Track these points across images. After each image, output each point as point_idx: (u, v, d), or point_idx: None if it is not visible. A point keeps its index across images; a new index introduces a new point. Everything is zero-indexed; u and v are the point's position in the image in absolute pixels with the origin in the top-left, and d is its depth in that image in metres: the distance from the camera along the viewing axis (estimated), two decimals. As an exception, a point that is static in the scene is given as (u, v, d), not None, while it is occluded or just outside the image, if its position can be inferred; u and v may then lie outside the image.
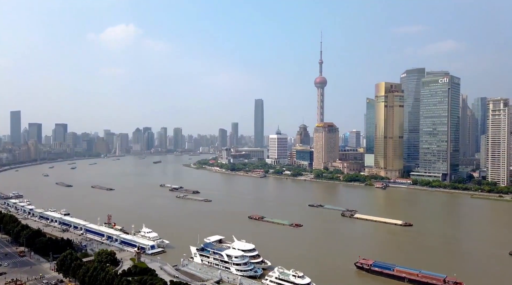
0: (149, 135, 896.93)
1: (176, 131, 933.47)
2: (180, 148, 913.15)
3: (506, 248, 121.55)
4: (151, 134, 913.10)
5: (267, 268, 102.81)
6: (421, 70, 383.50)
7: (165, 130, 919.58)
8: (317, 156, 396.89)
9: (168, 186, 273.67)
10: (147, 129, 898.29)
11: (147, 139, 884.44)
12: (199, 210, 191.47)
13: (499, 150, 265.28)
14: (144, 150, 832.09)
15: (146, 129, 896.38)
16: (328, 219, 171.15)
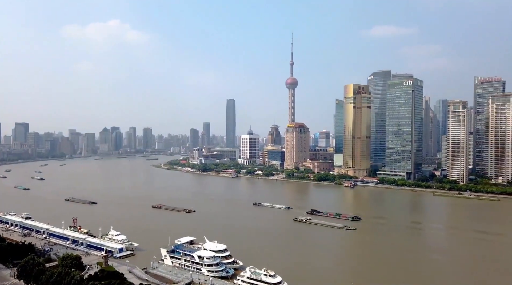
0: (117, 135, 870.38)
1: (146, 131, 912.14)
2: (150, 148, 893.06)
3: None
4: (120, 134, 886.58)
5: (239, 268, 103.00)
6: (387, 73, 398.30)
7: (134, 130, 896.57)
8: (288, 156, 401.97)
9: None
10: (115, 129, 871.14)
11: (115, 139, 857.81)
12: (170, 211, 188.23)
13: (458, 149, 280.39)
14: (112, 151, 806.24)
15: (114, 129, 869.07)
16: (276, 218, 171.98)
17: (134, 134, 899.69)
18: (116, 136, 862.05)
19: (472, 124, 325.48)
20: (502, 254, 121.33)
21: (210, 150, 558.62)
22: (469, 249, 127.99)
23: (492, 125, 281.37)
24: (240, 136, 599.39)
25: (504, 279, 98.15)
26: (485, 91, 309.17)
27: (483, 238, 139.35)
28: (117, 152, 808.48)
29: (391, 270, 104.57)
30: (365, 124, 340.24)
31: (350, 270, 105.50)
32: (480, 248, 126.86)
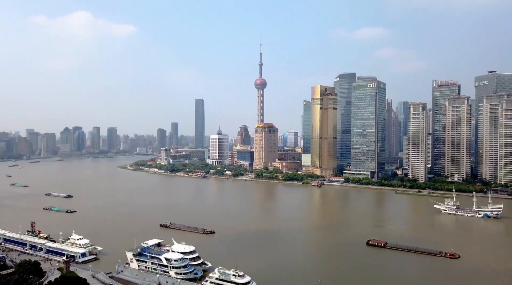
0: (80, 135, 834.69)
1: (111, 131, 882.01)
2: (115, 149, 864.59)
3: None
4: (82, 134, 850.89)
5: (207, 269, 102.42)
6: (352, 75, 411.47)
7: (98, 130, 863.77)
8: (258, 156, 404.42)
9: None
10: (78, 129, 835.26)
11: (78, 139, 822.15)
12: (136, 213, 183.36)
13: (418, 149, 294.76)
14: (74, 152, 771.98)
15: (76, 129, 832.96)
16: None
17: (98, 134, 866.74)
18: (79, 136, 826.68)
19: (430, 125, 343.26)
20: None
21: (178, 151, 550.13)
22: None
23: (449, 126, 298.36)
24: (209, 136, 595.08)
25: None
26: (442, 94, 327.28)
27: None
28: (79, 153, 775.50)
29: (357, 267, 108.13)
30: (331, 125, 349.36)
31: (317, 269, 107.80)
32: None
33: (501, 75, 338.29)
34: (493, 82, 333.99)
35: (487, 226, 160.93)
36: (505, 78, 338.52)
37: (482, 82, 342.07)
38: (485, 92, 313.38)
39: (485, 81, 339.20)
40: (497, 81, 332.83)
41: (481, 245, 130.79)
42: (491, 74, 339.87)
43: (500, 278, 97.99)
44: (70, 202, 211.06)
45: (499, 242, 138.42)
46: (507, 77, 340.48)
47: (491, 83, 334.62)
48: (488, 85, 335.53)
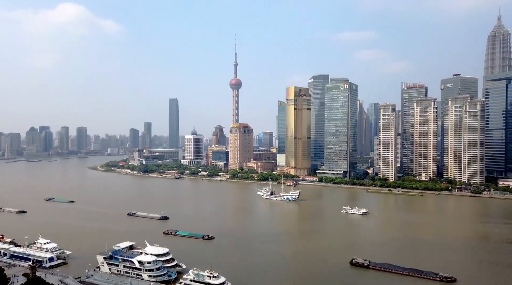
0: (47, 135, 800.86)
1: (80, 131, 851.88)
2: (84, 149, 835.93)
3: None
4: (50, 134, 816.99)
5: (182, 271, 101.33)
6: (326, 77, 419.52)
7: (67, 130, 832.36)
8: (233, 156, 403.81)
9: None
10: (45, 128, 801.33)
11: (45, 139, 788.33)
12: (106, 215, 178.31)
13: (388, 149, 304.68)
14: (40, 152, 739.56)
15: (43, 128, 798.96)
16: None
17: (66, 134, 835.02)
18: (46, 136, 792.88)
19: (400, 126, 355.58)
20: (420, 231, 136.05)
21: (151, 151, 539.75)
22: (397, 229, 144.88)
23: (417, 127, 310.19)
24: (183, 137, 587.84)
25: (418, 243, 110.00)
26: (410, 95, 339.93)
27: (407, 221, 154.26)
28: (46, 153, 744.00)
29: (333, 261, 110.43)
30: (305, 125, 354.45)
31: (292, 268, 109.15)
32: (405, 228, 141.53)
33: (465, 78, 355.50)
34: (457, 84, 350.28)
35: (285, 204, 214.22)
36: (468, 81, 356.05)
37: (447, 85, 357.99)
38: (450, 94, 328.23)
39: (450, 84, 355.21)
40: (461, 84, 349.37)
41: (274, 214, 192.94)
42: (455, 77, 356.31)
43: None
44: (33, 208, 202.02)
45: (287, 211, 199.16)
46: (470, 80, 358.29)
47: (455, 86, 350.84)
48: (453, 87, 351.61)
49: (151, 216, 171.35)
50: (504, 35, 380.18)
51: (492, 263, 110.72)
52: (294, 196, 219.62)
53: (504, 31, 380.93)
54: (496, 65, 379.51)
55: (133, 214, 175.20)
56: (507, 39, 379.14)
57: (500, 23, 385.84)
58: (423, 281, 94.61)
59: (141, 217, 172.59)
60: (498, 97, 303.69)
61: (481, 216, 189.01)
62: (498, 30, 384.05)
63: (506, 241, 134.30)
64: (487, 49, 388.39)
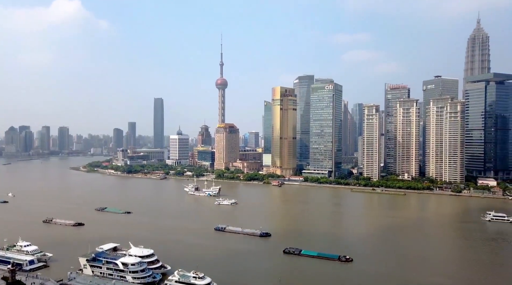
0: (27, 135, 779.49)
1: (62, 131, 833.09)
2: (66, 149, 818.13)
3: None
4: (30, 133, 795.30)
5: (167, 272, 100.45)
6: (311, 77, 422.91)
7: (48, 130, 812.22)
8: (219, 156, 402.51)
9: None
10: (25, 128, 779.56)
11: (25, 139, 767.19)
12: (90, 217, 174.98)
13: (372, 149, 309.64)
14: (21, 152, 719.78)
15: (23, 128, 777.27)
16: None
17: (47, 134, 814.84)
18: (26, 136, 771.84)
19: (383, 126, 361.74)
20: (401, 225, 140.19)
21: (136, 151, 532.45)
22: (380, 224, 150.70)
23: (400, 127, 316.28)
24: (169, 137, 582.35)
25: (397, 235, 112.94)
26: (393, 96, 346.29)
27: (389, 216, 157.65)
28: (26, 154, 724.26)
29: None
30: (291, 126, 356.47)
31: (277, 268, 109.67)
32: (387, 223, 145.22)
33: (446, 79, 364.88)
34: (439, 86, 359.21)
35: (204, 199, 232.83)
36: (449, 83, 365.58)
37: (429, 86, 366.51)
38: (432, 96, 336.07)
39: (432, 85, 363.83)
40: (442, 85, 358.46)
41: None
42: (437, 78, 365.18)
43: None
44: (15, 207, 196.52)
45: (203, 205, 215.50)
46: (451, 81, 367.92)
47: (437, 87, 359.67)
48: (435, 88, 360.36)
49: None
50: (483, 38, 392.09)
51: (389, 248, 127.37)
52: (214, 191, 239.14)
53: (483, 34, 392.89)
54: (476, 67, 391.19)
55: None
56: (486, 42, 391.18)
57: (480, 26, 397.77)
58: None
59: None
60: (478, 98, 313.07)
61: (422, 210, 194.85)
62: (477, 33, 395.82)
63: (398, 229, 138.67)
64: (467, 51, 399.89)
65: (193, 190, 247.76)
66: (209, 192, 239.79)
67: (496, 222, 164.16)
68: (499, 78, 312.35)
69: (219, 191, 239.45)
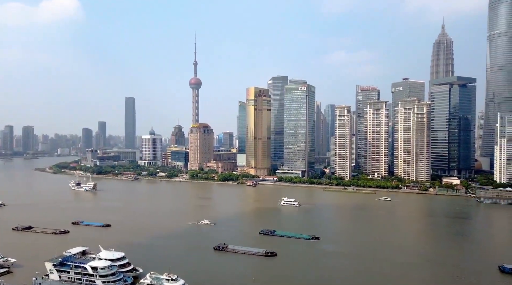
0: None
1: (27, 130, 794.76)
2: (31, 150, 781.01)
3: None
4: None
5: (138, 275, 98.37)
6: (285, 78, 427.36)
7: (11, 129, 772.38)
8: (192, 156, 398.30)
9: None
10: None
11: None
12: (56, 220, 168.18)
13: (343, 149, 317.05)
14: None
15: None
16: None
17: (11, 134, 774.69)
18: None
19: (354, 126, 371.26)
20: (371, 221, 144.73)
21: (106, 152, 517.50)
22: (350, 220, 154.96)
23: (370, 128, 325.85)
24: (141, 137, 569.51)
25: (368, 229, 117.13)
26: (364, 98, 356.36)
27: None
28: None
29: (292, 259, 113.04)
30: (265, 126, 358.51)
31: (253, 267, 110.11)
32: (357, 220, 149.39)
33: (413, 82, 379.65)
34: (406, 88, 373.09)
35: (83, 193, 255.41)
36: (416, 85, 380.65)
37: (397, 88, 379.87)
38: (400, 97, 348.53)
39: (400, 87, 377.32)
40: (409, 88, 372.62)
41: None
42: (404, 81, 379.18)
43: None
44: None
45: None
46: (418, 84, 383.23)
47: (405, 89, 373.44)
48: (403, 91, 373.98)
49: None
50: (447, 43, 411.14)
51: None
52: (90, 187, 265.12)
53: (448, 39, 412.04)
54: (441, 71, 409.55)
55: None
56: (450, 47, 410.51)
57: (444, 31, 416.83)
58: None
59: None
60: (442, 101, 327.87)
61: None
62: (442, 38, 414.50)
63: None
64: (433, 55, 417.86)
65: (75, 185, 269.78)
66: (86, 187, 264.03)
67: (286, 206, 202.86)
68: (462, 81, 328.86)
69: (94, 186, 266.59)
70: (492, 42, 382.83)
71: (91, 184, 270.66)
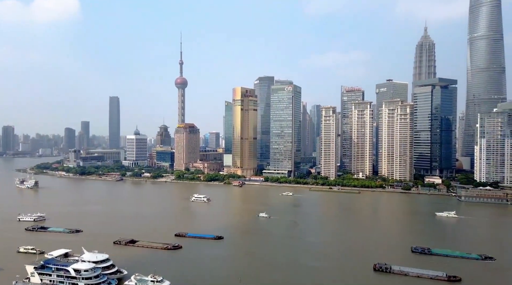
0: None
1: (6, 130, 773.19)
2: (12, 150, 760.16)
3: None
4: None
5: (123, 277, 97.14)
6: (271, 78, 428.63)
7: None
8: (178, 157, 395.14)
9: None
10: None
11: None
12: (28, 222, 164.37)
13: (329, 149, 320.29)
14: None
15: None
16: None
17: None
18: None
19: (340, 127, 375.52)
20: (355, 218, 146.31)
21: (89, 152, 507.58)
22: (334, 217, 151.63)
23: (355, 128, 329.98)
24: (125, 137, 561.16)
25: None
26: (349, 98, 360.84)
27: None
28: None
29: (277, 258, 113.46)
30: (252, 126, 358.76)
31: (238, 268, 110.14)
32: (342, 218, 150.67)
33: (397, 83, 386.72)
34: (390, 89, 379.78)
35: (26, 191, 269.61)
36: (399, 86, 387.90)
37: (381, 89, 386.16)
38: (384, 98, 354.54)
39: (384, 88, 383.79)
40: (393, 89, 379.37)
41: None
42: (388, 82, 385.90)
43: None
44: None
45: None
46: (401, 85, 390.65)
47: (388, 90, 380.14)
48: (386, 92, 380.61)
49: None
50: (429, 45, 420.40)
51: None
52: (31, 184, 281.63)
53: (430, 41, 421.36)
54: (423, 72, 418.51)
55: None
56: (432, 49, 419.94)
57: (426, 33, 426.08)
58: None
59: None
60: (425, 102, 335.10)
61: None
62: (424, 40, 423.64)
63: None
64: (415, 57, 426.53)
65: (19, 183, 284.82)
66: (28, 185, 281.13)
67: (196, 202, 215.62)
68: (443, 83, 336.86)
69: (36, 183, 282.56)
70: (472, 44, 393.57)
71: (32, 181, 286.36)
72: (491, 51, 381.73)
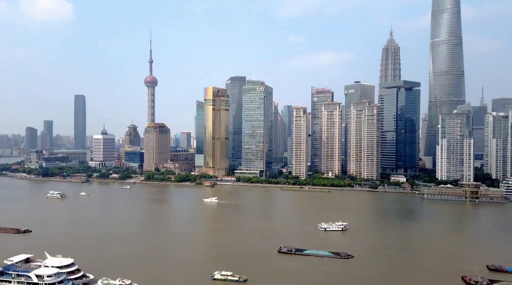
0: None
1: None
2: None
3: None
4: None
5: (89, 282, 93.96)
6: (243, 78, 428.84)
7: None
8: (148, 157, 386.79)
9: None
10: None
11: None
12: None
13: (300, 149, 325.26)
14: None
15: None
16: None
17: None
18: None
19: (310, 127, 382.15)
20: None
21: (53, 152, 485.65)
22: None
23: (324, 128, 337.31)
24: (92, 136, 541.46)
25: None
26: (319, 99, 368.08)
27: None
28: None
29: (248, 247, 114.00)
30: (224, 126, 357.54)
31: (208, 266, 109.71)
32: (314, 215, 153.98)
33: (364, 85, 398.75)
34: (358, 90, 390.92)
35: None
36: (367, 88, 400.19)
37: (350, 90, 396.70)
38: (352, 99, 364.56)
39: (352, 90, 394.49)
40: (361, 90, 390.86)
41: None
42: (356, 84, 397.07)
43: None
44: None
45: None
46: (368, 87, 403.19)
47: (356, 92, 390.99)
48: (355, 93, 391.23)
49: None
50: (395, 49, 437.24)
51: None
52: None
53: (395, 45, 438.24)
54: (389, 75, 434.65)
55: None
56: (398, 52, 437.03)
57: (392, 37, 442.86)
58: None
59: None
60: (390, 103, 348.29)
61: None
62: (390, 43, 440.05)
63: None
64: (382, 60, 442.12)
65: None
66: None
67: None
68: (407, 85, 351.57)
69: None
70: (434, 49, 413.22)
71: None
72: (451, 55, 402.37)
